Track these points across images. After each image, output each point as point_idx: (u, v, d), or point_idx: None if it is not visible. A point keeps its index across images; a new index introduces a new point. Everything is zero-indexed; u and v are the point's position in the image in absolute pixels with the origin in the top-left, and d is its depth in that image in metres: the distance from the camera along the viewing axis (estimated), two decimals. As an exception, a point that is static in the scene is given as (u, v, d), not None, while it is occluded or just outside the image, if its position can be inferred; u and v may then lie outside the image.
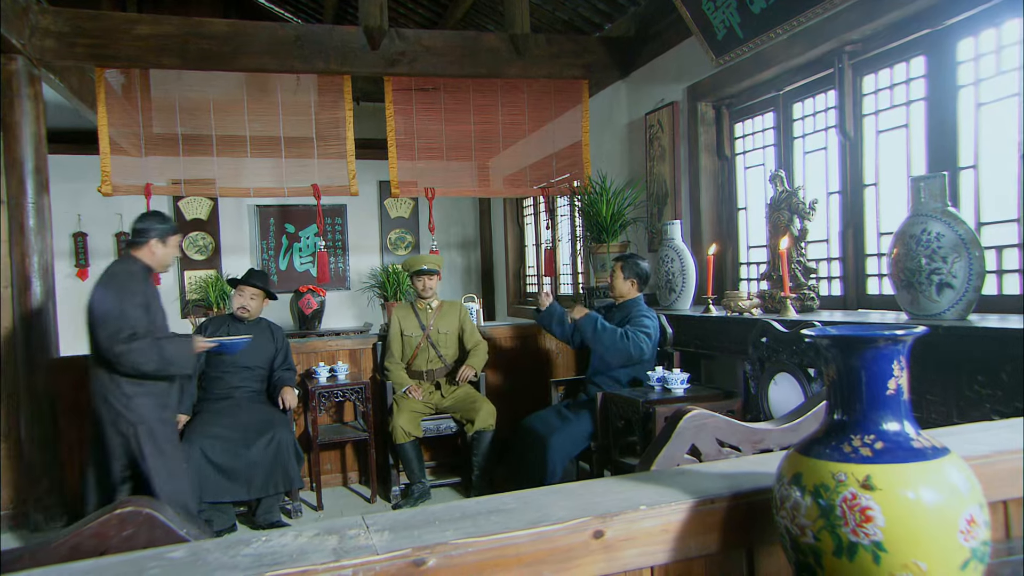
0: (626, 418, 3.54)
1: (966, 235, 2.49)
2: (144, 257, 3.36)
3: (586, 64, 5.24)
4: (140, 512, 0.96)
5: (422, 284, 4.48)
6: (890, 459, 0.79)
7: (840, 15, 3.34)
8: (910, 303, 2.66)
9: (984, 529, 0.78)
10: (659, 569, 0.93)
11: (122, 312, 3.19)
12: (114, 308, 3.18)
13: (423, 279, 4.47)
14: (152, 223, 3.37)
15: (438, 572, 0.81)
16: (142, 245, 3.35)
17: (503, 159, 5.74)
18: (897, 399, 0.83)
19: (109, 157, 4.58)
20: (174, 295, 7.75)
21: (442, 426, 4.37)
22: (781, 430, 1.39)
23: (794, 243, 3.53)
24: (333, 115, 4.98)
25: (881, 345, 0.81)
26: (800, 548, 0.82)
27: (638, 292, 4.00)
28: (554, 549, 0.86)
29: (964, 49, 2.99)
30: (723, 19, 3.94)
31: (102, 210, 7.30)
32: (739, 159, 4.51)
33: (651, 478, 1.05)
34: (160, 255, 3.38)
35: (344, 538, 0.84)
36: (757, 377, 3.18)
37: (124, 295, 3.21)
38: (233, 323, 4.30)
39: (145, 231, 3.34)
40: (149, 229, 3.34)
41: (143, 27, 4.44)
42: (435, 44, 4.92)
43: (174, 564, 0.79)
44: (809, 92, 3.88)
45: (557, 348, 5.10)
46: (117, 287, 3.22)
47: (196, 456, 3.72)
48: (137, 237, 3.35)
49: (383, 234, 8.58)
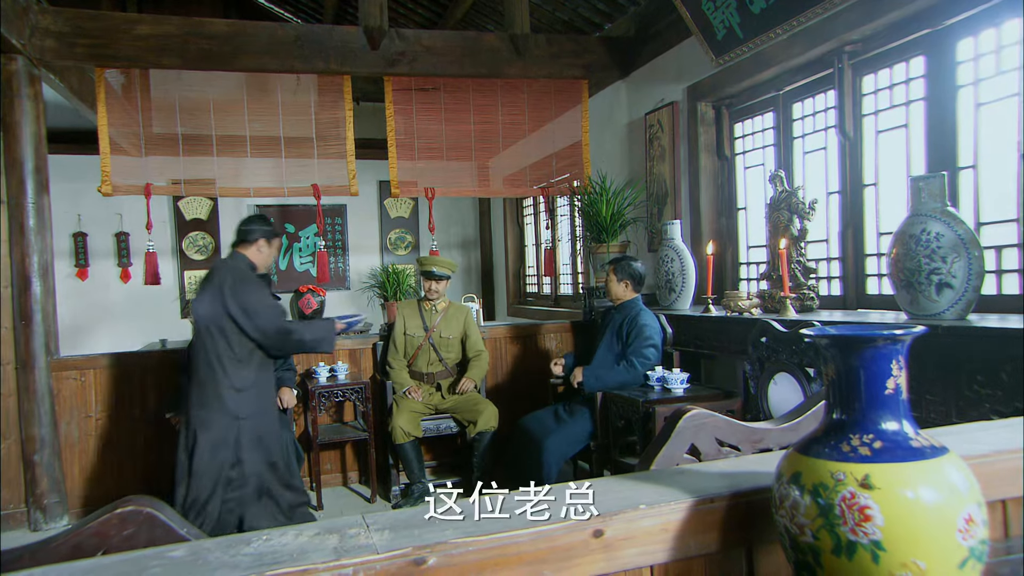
0: (626, 418, 3.54)
1: (965, 235, 2.49)
2: (250, 255, 3.53)
3: (586, 64, 5.24)
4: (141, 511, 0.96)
5: (429, 286, 4.48)
6: (889, 458, 0.80)
7: (840, 15, 3.35)
8: (909, 303, 2.67)
9: (982, 528, 0.79)
10: (659, 568, 0.93)
11: (269, 297, 3.48)
12: (263, 296, 3.44)
13: (431, 282, 4.47)
14: (259, 224, 3.58)
15: (438, 571, 0.81)
16: (250, 243, 3.54)
17: (503, 159, 5.74)
18: (896, 398, 0.83)
19: (109, 157, 4.58)
20: (174, 295, 7.75)
21: (442, 426, 4.38)
22: (780, 429, 1.39)
23: (794, 243, 3.53)
24: (333, 115, 4.98)
25: (880, 345, 0.81)
26: (799, 547, 0.82)
27: (635, 293, 4.00)
28: (554, 548, 0.86)
29: (964, 49, 3.00)
30: (723, 19, 3.94)
31: (102, 210, 7.30)
32: (739, 159, 4.52)
33: (650, 477, 1.06)
34: (265, 254, 3.58)
35: (344, 537, 0.84)
36: (757, 377, 3.18)
37: (260, 285, 3.48)
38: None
39: (253, 231, 3.54)
40: (256, 229, 3.55)
41: (143, 27, 4.44)
42: (435, 44, 4.92)
43: (175, 563, 0.79)
44: (809, 92, 3.88)
45: (557, 348, 5.10)
46: (251, 279, 3.45)
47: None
48: (245, 236, 3.54)
49: (383, 234, 8.58)
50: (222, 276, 3.40)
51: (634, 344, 3.81)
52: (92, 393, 4.33)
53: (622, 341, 3.90)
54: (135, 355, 4.56)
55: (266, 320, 3.39)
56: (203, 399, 3.37)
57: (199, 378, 3.40)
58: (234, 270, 3.44)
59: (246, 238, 3.54)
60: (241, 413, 3.37)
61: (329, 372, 4.50)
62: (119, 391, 4.38)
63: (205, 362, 3.38)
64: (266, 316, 3.39)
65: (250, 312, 3.35)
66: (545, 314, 6.95)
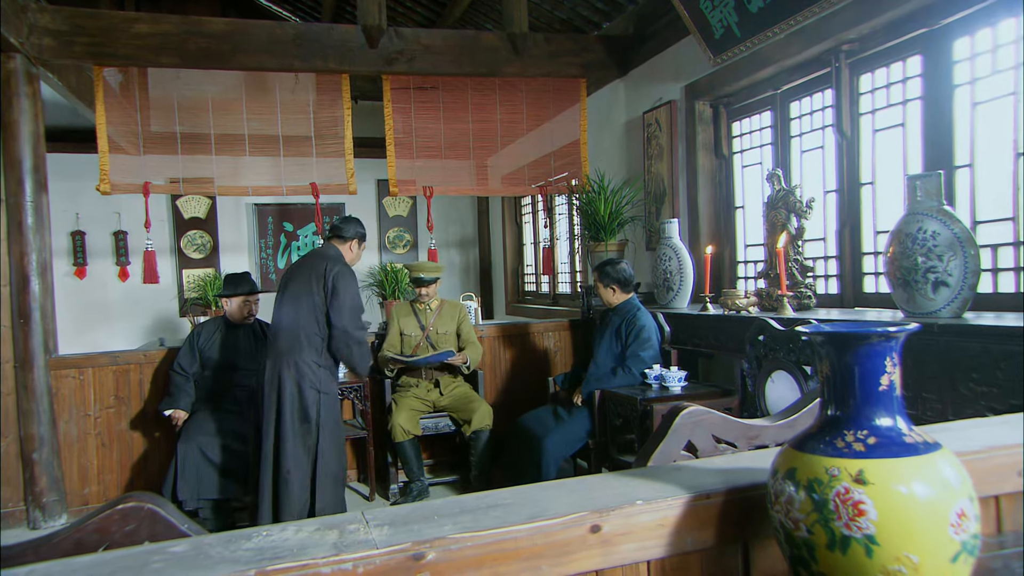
0: (624, 416, 3.55)
1: (962, 233, 2.51)
2: (343, 251, 3.72)
3: (584, 63, 5.24)
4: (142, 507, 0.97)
5: (420, 291, 4.52)
6: (883, 454, 0.80)
7: (837, 14, 3.35)
8: (906, 301, 2.68)
9: (974, 522, 0.79)
10: (655, 563, 0.94)
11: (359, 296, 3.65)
12: (356, 292, 3.61)
13: (421, 287, 4.51)
14: (356, 226, 3.80)
15: (437, 566, 0.82)
16: (345, 240, 3.75)
17: (501, 158, 5.75)
18: (890, 395, 0.84)
19: (108, 156, 4.58)
20: (172, 294, 7.75)
21: (440, 424, 4.39)
22: (777, 426, 1.40)
23: (791, 241, 3.54)
24: (331, 114, 4.98)
25: (874, 342, 0.82)
26: (794, 542, 0.83)
27: (626, 295, 3.99)
28: (552, 543, 0.87)
29: (960, 48, 3.01)
30: (721, 18, 3.95)
31: (100, 209, 7.30)
32: (736, 158, 4.52)
33: (647, 474, 1.06)
34: (355, 254, 3.81)
35: (344, 533, 0.85)
36: (754, 375, 3.19)
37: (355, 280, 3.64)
38: (227, 328, 4.33)
39: (349, 230, 3.76)
40: (352, 229, 3.77)
41: (141, 25, 4.44)
42: (433, 43, 4.92)
43: (177, 558, 0.80)
44: (806, 91, 3.89)
45: (555, 346, 5.11)
46: (351, 272, 3.62)
47: (194, 454, 3.74)
48: (342, 233, 3.74)
49: (381, 233, 8.59)
50: (329, 258, 3.58)
51: (632, 345, 3.82)
52: (91, 391, 4.34)
53: (622, 341, 3.91)
54: (134, 353, 4.56)
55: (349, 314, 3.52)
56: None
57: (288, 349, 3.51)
58: (339, 259, 3.63)
59: (342, 234, 3.73)
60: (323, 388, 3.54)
61: (328, 370, 4.51)
62: (118, 389, 4.39)
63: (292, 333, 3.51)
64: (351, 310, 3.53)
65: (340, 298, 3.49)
66: (543, 313, 6.96)
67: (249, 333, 4.35)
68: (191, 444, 3.76)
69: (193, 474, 3.73)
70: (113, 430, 4.38)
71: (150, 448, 4.43)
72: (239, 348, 4.27)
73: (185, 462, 3.73)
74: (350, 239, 3.75)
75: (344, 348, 3.54)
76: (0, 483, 4.10)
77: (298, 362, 3.47)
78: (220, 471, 3.80)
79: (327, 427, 3.52)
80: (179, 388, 4.10)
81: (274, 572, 0.76)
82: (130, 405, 4.41)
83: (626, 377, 3.76)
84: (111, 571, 0.77)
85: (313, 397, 3.48)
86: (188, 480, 3.72)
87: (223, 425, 3.92)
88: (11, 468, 4.16)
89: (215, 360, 4.21)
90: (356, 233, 3.78)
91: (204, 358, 4.23)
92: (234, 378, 4.21)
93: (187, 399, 4.08)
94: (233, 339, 4.29)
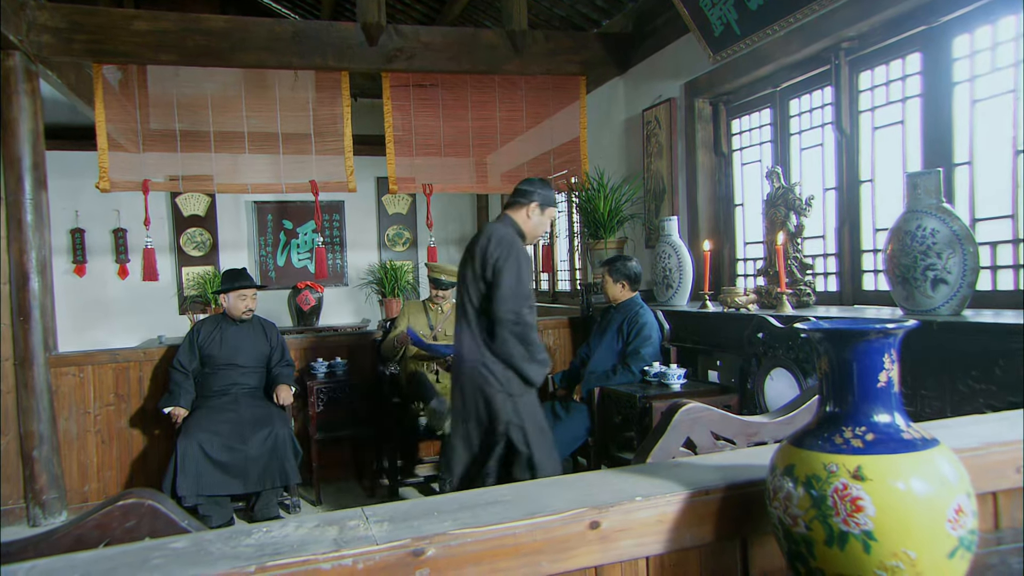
0: (623, 413, 3.55)
1: (961, 231, 2.51)
2: (519, 220, 3.10)
3: (584, 60, 5.24)
4: (142, 504, 0.97)
5: (436, 292, 4.50)
6: (881, 450, 0.81)
7: (836, 12, 3.35)
8: (905, 299, 2.68)
9: (971, 518, 0.80)
10: (654, 559, 0.94)
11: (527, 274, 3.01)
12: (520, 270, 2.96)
13: (438, 290, 4.48)
14: (537, 187, 3.12)
15: (437, 562, 0.82)
16: (520, 207, 3.10)
17: (501, 155, 5.75)
18: (888, 391, 0.84)
19: (107, 153, 4.57)
20: (172, 291, 7.75)
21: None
22: (775, 423, 1.40)
23: (790, 239, 3.55)
24: (331, 111, 4.98)
25: (872, 338, 0.83)
26: (792, 538, 0.83)
27: (632, 293, 4.00)
28: (551, 539, 0.87)
29: (959, 46, 3.01)
30: (720, 16, 3.94)
31: (100, 206, 7.30)
32: (736, 155, 4.52)
33: (647, 470, 1.07)
34: (534, 222, 3.12)
35: (344, 529, 0.85)
36: (754, 372, 3.19)
37: (521, 254, 3.00)
38: (227, 324, 4.33)
39: (528, 193, 3.10)
40: (533, 192, 3.10)
41: (141, 23, 4.43)
42: (433, 40, 4.91)
43: (177, 554, 0.80)
44: (806, 89, 3.89)
45: (554, 345, 5.11)
46: (514, 245, 2.99)
47: (194, 451, 3.75)
48: (518, 197, 3.11)
49: (381, 230, 8.59)
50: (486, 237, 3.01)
51: (634, 343, 3.83)
52: (90, 389, 4.34)
53: (623, 339, 3.91)
54: (133, 351, 4.57)
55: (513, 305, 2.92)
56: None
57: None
58: (498, 232, 3.01)
59: (519, 199, 3.10)
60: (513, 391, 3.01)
61: (327, 368, 4.51)
62: (117, 387, 4.39)
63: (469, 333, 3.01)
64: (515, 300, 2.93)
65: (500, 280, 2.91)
66: (543, 310, 6.95)
67: (248, 330, 4.35)
68: (191, 441, 3.76)
69: (193, 470, 3.73)
70: (113, 427, 4.38)
71: (150, 445, 4.43)
72: (239, 345, 4.28)
73: (185, 458, 3.73)
74: (526, 205, 3.08)
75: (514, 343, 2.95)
76: (0, 480, 4.11)
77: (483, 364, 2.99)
78: (220, 467, 3.80)
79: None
80: (179, 385, 4.11)
81: (275, 568, 0.76)
82: (130, 402, 4.41)
83: (625, 375, 3.77)
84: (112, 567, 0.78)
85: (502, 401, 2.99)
86: (188, 476, 3.72)
87: (223, 422, 3.93)
88: (11, 465, 4.16)
89: (215, 357, 4.22)
90: (538, 196, 3.10)
91: (204, 355, 4.24)
92: (233, 375, 4.22)
93: (187, 396, 4.09)
94: (233, 336, 4.29)
